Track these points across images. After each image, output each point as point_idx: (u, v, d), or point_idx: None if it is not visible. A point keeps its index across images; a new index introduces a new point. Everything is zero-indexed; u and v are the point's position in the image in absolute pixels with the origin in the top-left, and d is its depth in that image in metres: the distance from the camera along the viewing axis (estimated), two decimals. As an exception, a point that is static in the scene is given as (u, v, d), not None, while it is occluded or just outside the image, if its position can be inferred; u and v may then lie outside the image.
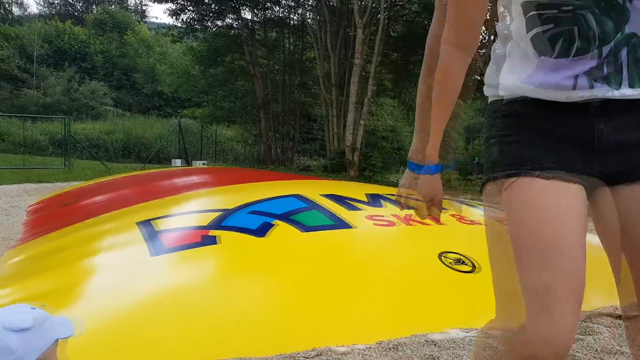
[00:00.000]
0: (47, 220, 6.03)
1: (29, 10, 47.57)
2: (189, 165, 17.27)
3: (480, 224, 4.42)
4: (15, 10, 45.48)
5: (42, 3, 47.63)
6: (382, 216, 4.05)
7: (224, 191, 5.66)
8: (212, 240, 3.47)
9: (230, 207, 4.25)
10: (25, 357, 1.23)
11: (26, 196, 8.55)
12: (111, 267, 3.29)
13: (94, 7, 45.60)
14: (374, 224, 3.88)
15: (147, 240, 3.58)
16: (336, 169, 14.19)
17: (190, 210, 4.63)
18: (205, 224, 3.82)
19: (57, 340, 1.33)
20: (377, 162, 14.04)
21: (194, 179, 7.46)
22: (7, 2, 43.92)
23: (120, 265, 3.29)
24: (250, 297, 2.87)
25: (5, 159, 16.33)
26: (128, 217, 4.60)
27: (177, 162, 17.38)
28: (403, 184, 1.54)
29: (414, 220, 4.01)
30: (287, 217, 3.89)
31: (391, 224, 3.90)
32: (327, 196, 4.54)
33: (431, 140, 1.31)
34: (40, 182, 11.10)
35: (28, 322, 1.26)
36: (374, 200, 4.59)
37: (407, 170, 1.56)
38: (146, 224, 4.02)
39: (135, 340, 2.39)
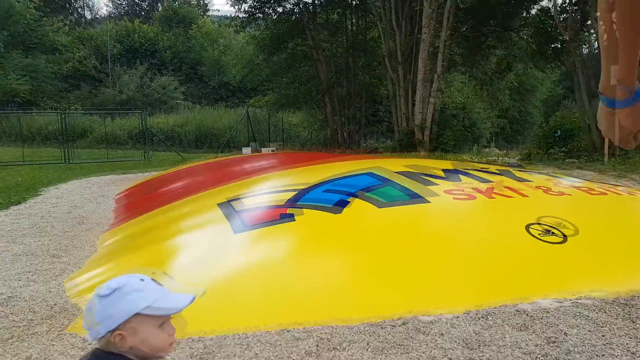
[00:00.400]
0: (133, 206, 6.40)
1: (99, 12, 50.24)
2: (258, 152, 17.67)
3: (568, 194, 4.18)
4: (87, 13, 48.17)
5: (110, 5, 50.15)
6: (462, 190, 3.93)
7: (297, 172, 5.73)
8: (290, 217, 3.52)
9: (305, 186, 4.30)
10: (103, 322, 1.26)
11: (113, 186, 9.10)
12: (198, 243, 3.44)
13: (159, 4, 47.33)
14: (454, 198, 3.77)
15: (229, 219, 3.71)
16: (405, 150, 13.84)
17: (266, 190, 4.73)
18: (282, 203, 3.88)
19: (142, 315, 1.27)
20: (449, 140, 13.48)
21: (266, 162, 7.62)
22: (80, 7, 46.62)
23: (207, 242, 3.43)
24: (332, 269, 2.89)
25: (90, 153, 17.51)
26: (208, 199, 4.78)
27: (247, 149, 17.82)
28: (601, 122, 1.48)
29: (497, 193, 3.85)
30: (362, 194, 3.87)
31: (472, 197, 3.77)
32: (402, 173, 4.47)
33: (624, 77, 1.23)
34: (123, 173, 11.80)
35: (106, 290, 1.28)
36: (451, 174, 4.45)
37: (600, 105, 1.50)
38: (226, 204, 4.15)
39: (225, 306, 2.49)
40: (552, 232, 3.18)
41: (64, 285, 3.13)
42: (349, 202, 3.69)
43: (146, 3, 50.15)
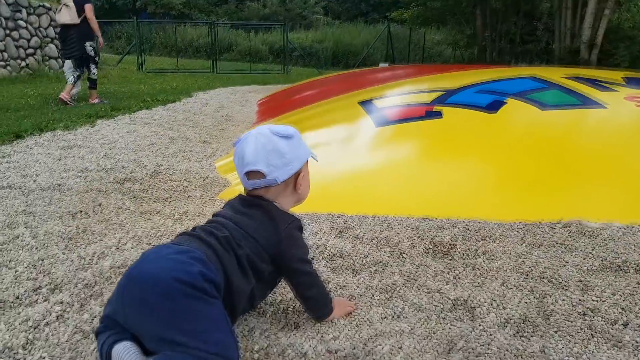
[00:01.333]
0: (275, 108, 6.59)
1: None
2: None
3: None
4: None
5: None
6: (647, 97, 3.29)
7: (443, 76, 5.33)
8: (437, 115, 3.27)
9: (455, 87, 3.96)
10: (292, 162, 1.26)
11: (255, 94, 9.52)
12: (340, 133, 3.38)
13: None
14: (637, 105, 3.17)
15: (370, 114, 3.57)
16: (566, 71, 12.11)
17: (410, 91, 4.47)
18: (429, 101, 3.62)
19: (308, 160, 1.35)
20: (623, 61, 11.42)
21: (405, 72, 7.26)
22: None
23: (348, 132, 3.35)
24: (483, 167, 2.64)
25: (235, 66, 18.51)
26: (348, 99, 4.67)
27: (385, 64, 17.31)
28: None
29: (696, 101, 3.16)
30: (521, 96, 3.44)
31: (661, 104, 3.14)
32: (571, 78, 3.88)
33: None
34: (264, 84, 12.29)
35: (291, 131, 1.29)
36: (634, 82, 3.76)
37: None
38: (368, 102, 4.01)
39: (367, 191, 2.41)
40: None
41: (214, 165, 3.33)
42: (505, 102, 3.31)
43: None
